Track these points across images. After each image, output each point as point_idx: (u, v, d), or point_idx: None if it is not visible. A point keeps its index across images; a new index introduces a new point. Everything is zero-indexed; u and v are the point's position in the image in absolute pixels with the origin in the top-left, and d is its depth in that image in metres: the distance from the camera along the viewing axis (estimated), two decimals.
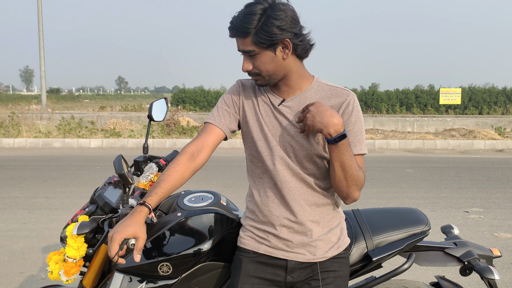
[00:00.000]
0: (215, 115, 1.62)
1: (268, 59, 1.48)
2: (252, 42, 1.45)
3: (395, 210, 1.99)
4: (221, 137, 1.61)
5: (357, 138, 1.53)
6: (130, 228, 1.34)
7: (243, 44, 1.47)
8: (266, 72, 1.50)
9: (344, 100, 1.53)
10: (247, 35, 1.45)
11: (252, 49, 1.46)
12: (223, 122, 1.61)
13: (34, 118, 14.29)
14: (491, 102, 22.49)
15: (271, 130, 1.57)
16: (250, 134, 1.61)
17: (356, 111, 1.54)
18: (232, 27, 1.47)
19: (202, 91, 23.90)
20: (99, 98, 53.32)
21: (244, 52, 1.49)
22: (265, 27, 1.42)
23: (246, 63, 1.50)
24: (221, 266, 1.70)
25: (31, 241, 4.23)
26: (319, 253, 1.58)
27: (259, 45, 1.45)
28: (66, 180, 6.94)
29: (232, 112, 1.63)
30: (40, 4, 18.26)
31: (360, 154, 1.54)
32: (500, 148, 12.39)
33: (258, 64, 1.49)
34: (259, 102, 1.61)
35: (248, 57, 1.50)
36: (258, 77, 1.52)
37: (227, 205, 1.81)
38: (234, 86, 1.67)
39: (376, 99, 22.49)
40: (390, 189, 6.54)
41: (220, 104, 1.65)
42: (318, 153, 1.54)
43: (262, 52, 1.47)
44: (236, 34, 1.48)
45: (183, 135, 12.75)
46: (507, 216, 5.20)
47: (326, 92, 1.57)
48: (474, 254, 1.82)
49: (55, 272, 1.59)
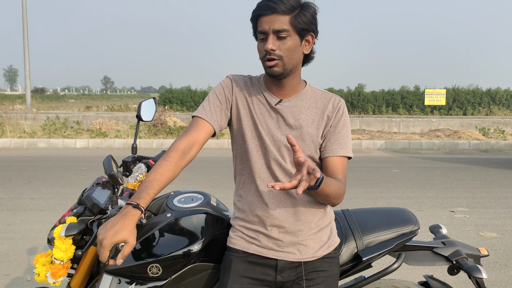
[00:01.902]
0: (206, 110, 1.56)
1: (294, 45, 1.47)
2: (290, 22, 1.43)
3: (385, 210, 2.00)
4: (211, 133, 1.56)
5: (344, 141, 1.57)
6: (120, 234, 1.27)
7: (278, 22, 1.42)
8: (288, 58, 1.47)
9: (336, 105, 1.59)
10: (290, 12, 1.43)
11: (288, 29, 1.44)
12: (215, 118, 1.56)
13: (18, 118, 14.08)
14: (475, 103, 22.80)
15: (265, 130, 1.57)
16: (242, 132, 1.60)
17: (345, 116, 1.59)
18: (274, 1, 1.42)
19: (189, 91, 23.80)
20: (84, 98, 52.82)
21: (276, 31, 1.43)
22: (307, 12, 1.44)
23: (272, 43, 1.44)
24: (211, 267, 1.69)
25: (16, 242, 4.16)
26: (309, 253, 1.58)
27: (295, 27, 1.44)
28: (52, 181, 6.85)
29: (224, 109, 1.59)
30: (24, 3, 18.02)
31: (345, 157, 1.57)
32: (484, 148, 12.57)
33: (286, 47, 1.45)
34: (254, 101, 1.60)
35: (276, 39, 1.45)
36: (278, 61, 1.47)
37: (217, 205, 1.80)
38: (225, 81, 1.63)
39: (362, 99, 22.63)
40: (377, 189, 6.59)
41: (211, 98, 1.59)
42: (312, 155, 1.56)
43: (293, 36, 1.46)
44: (276, 10, 1.42)
45: (170, 135, 12.68)
46: (491, 216, 5.27)
47: (320, 96, 1.61)
48: (462, 254, 1.84)
49: (42, 274, 1.56)
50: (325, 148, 1.57)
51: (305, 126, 1.55)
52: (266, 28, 1.44)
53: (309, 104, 1.58)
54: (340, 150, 1.55)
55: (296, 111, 1.57)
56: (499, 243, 4.30)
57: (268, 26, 1.44)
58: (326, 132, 1.57)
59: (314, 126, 1.56)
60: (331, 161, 1.56)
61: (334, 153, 1.55)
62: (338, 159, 1.56)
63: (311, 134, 1.56)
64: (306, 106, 1.58)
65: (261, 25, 1.45)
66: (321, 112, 1.58)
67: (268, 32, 1.44)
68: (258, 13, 1.45)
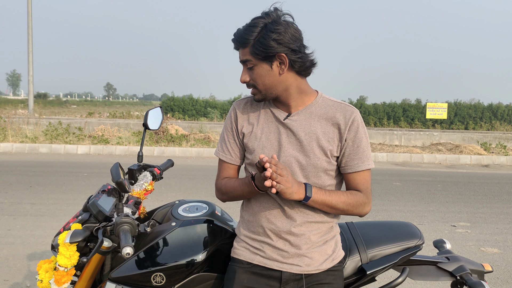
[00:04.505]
0: (225, 151, 1.69)
1: (264, 72, 1.51)
2: (250, 52, 1.49)
3: (389, 224, 2.00)
4: (238, 167, 1.72)
5: (365, 154, 1.57)
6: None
7: (242, 54, 1.52)
8: (262, 85, 1.53)
9: (350, 117, 1.55)
10: (245, 45, 1.49)
11: (249, 59, 1.50)
12: (234, 156, 1.68)
13: (20, 123, 14.10)
14: (477, 118, 22.85)
15: (274, 145, 1.58)
16: (253, 149, 1.61)
17: (362, 127, 1.57)
18: (234, 38, 1.53)
19: (191, 99, 23.87)
20: (87, 104, 52.97)
21: (243, 62, 1.53)
22: (262, 39, 1.46)
23: (244, 75, 1.55)
24: (215, 277, 1.69)
25: (16, 248, 4.15)
26: (313, 265, 1.58)
27: (255, 56, 1.49)
28: (53, 186, 6.84)
29: (237, 143, 1.67)
30: (30, 8, 18.14)
31: (367, 170, 1.58)
32: (485, 163, 12.56)
33: (255, 76, 1.52)
34: (261, 118, 1.62)
35: (247, 69, 1.53)
36: (255, 90, 1.55)
37: (221, 215, 1.80)
38: (230, 113, 1.71)
39: (364, 112, 22.68)
40: (378, 201, 6.58)
41: (225, 136, 1.70)
42: (324, 167, 1.55)
43: (258, 64, 1.50)
44: (236, 44, 1.52)
45: (171, 143, 12.69)
46: (493, 231, 5.25)
47: (331, 107, 1.58)
48: (466, 269, 1.84)
49: (45, 280, 1.55)
50: (346, 164, 1.57)
51: (315, 139, 1.55)
52: (240, 59, 1.55)
53: (319, 116, 1.57)
54: (361, 165, 1.56)
55: (306, 124, 1.56)
56: (500, 259, 4.28)
57: (240, 59, 1.54)
58: (344, 147, 1.55)
59: (325, 138, 1.55)
60: (354, 177, 1.58)
61: (356, 168, 1.56)
62: (361, 173, 1.57)
63: (323, 146, 1.54)
64: (316, 118, 1.57)
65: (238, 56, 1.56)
66: (332, 123, 1.56)
67: (241, 63, 1.55)
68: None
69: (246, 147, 1.64)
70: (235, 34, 1.52)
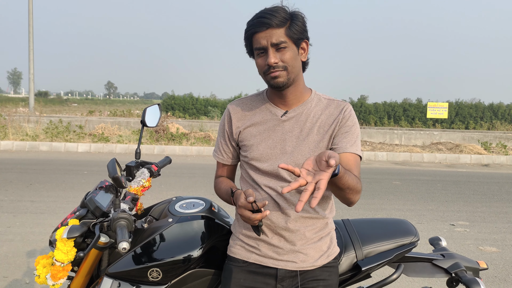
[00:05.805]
0: (218, 151, 1.76)
1: (294, 54, 1.52)
2: (285, 34, 1.48)
3: (385, 221, 2.01)
4: (234, 167, 1.79)
5: (353, 139, 1.56)
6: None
7: (275, 35, 1.47)
8: (291, 67, 1.52)
9: (341, 109, 1.59)
10: (284, 24, 1.48)
11: (285, 40, 1.48)
12: (228, 156, 1.74)
13: (21, 121, 14.12)
14: (477, 117, 22.84)
15: (273, 142, 1.59)
16: (248, 147, 1.62)
17: (353, 117, 1.60)
18: (266, 18, 1.47)
19: (191, 98, 23.87)
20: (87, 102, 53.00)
21: (275, 44, 1.48)
22: (297, 21, 1.49)
23: (273, 57, 1.48)
24: (211, 273, 1.70)
25: (16, 245, 4.17)
26: (309, 261, 1.59)
27: (291, 38, 1.49)
28: (53, 184, 6.86)
29: (230, 144, 1.71)
30: (31, 6, 18.15)
31: (356, 154, 1.55)
32: (485, 162, 12.55)
33: (287, 58, 1.50)
34: (257, 117, 1.63)
35: (275, 52, 1.50)
36: (283, 72, 1.51)
37: (218, 212, 1.81)
38: (224, 115, 1.73)
39: (364, 111, 22.69)
40: (378, 200, 6.59)
41: (219, 137, 1.75)
42: None
43: (291, 46, 1.50)
44: (271, 25, 1.46)
45: (171, 141, 12.70)
46: (492, 230, 5.26)
47: (325, 104, 1.62)
48: (461, 266, 1.85)
49: (42, 276, 1.56)
50: (336, 145, 1.55)
51: (311, 134, 1.56)
52: (264, 43, 1.49)
53: (315, 112, 1.59)
54: (350, 147, 1.54)
55: (302, 120, 1.58)
56: (499, 258, 4.29)
57: (265, 41, 1.48)
58: (336, 133, 1.57)
59: (321, 133, 1.57)
60: (344, 157, 1.52)
61: (345, 149, 1.53)
62: (350, 155, 1.53)
63: (317, 141, 1.56)
64: (312, 115, 1.59)
65: (258, 41, 1.49)
66: (327, 119, 1.58)
67: (267, 46, 1.49)
68: (253, 31, 1.50)
69: (242, 145, 1.65)
70: (265, 15, 1.47)
